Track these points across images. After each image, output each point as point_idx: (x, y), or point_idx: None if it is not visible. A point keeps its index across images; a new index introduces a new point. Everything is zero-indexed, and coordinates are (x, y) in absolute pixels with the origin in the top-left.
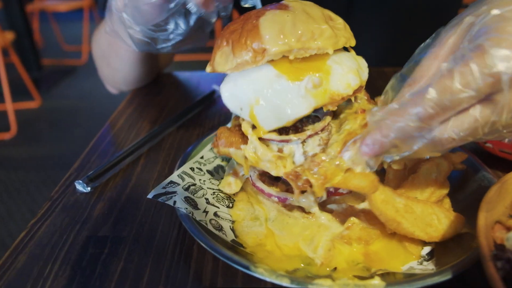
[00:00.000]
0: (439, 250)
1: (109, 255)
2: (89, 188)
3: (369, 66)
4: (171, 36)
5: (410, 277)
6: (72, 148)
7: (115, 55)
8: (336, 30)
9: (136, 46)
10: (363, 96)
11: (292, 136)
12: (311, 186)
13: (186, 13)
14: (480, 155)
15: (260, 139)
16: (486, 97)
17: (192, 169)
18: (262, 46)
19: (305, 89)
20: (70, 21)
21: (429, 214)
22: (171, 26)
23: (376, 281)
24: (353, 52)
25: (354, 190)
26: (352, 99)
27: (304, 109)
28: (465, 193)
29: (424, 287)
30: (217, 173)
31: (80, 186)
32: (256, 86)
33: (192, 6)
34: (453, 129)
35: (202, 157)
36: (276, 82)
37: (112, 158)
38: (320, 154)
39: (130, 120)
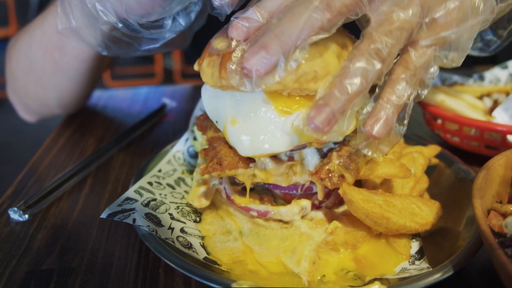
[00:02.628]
0: (428, 246)
1: None
2: (26, 216)
3: None
4: (167, 35)
5: (409, 278)
6: (1, 186)
7: (53, 67)
8: None
9: (104, 48)
10: None
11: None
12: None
13: (187, 7)
14: (448, 150)
15: None
16: None
17: (150, 183)
18: None
19: (291, 126)
20: None
21: (408, 204)
22: (168, 22)
23: (376, 286)
24: None
25: (385, 177)
26: None
27: (284, 147)
28: (442, 187)
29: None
30: (178, 185)
31: (15, 215)
32: (238, 104)
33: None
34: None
35: (160, 171)
36: (261, 107)
37: (54, 180)
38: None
39: (73, 140)
